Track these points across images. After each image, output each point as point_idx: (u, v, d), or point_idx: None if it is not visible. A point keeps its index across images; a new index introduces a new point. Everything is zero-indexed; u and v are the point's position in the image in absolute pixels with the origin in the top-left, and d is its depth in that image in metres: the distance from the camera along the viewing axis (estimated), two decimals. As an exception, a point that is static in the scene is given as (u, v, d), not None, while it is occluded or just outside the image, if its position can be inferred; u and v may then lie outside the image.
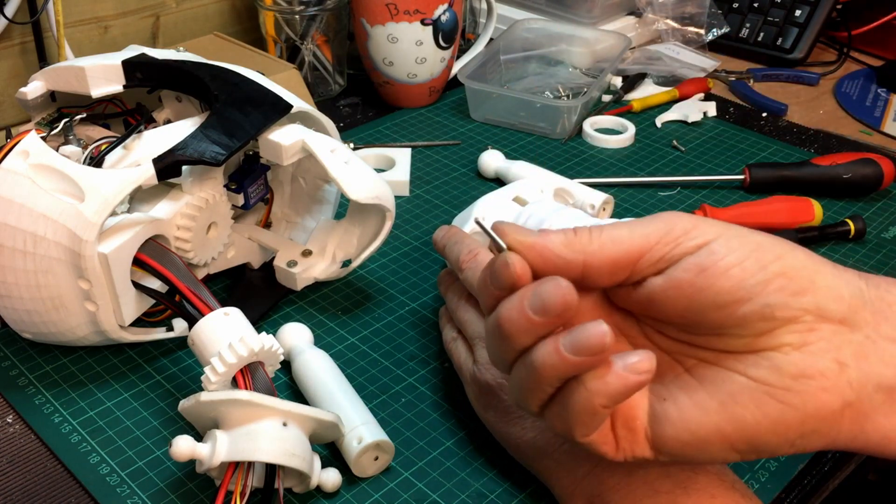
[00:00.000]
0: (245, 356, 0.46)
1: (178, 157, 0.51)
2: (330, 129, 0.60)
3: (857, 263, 0.68)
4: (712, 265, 0.35)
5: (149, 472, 0.49)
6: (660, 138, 0.86)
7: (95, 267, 0.49)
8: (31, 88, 0.59)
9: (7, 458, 0.50)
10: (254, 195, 0.60)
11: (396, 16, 0.83)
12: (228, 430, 0.44)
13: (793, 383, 0.35)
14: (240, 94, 0.57)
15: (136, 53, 0.60)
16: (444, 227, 0.58)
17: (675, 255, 0.36)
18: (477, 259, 0.53)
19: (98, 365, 0.57)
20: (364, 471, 0.49)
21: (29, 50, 0.81)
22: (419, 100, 0.91)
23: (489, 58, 0.92)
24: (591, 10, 1.00)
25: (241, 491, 0.44)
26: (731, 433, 0.36)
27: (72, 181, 0.49)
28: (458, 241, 0.55)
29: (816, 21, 1.02)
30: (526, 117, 0.87)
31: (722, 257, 0.35)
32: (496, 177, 0.78)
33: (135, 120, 0.62)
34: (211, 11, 0.95)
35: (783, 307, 0.35)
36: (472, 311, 0.53)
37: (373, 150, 0.80)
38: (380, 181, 0.57)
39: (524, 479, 0.49)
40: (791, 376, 0.35)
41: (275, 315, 0.62)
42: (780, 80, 1.01)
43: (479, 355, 0.50)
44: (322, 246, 0.62)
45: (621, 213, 0.74)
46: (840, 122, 0.91)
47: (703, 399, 0.36)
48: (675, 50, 1.01)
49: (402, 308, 0.63)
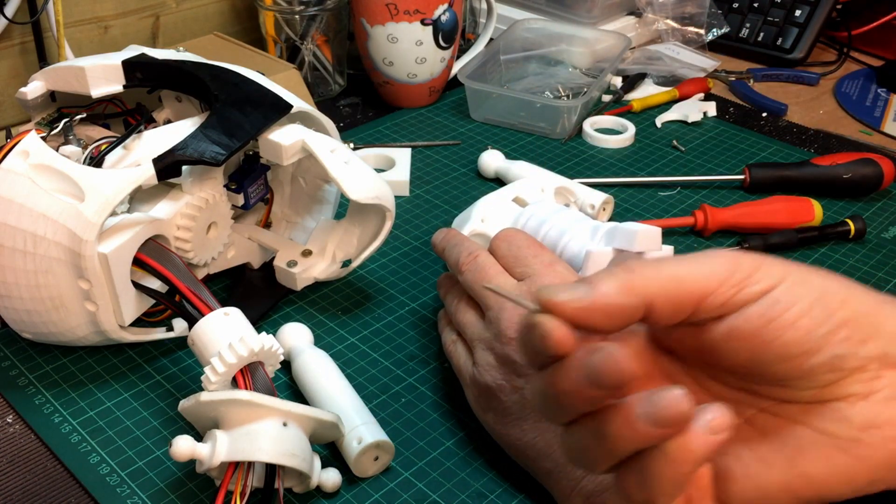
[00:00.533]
0: (245, 356, 0.46)
1: (178, 157, 0.51)
2: (330, 129, 0.60)
3: (857, 263, 0.68)
4: (778, 316, 0.34)
5: (149, 472, 0.49)
6: (660, 138, 0.86)
7: (95, 267, 0.49)
8: (31, 88, 0.59)
9: (7, 458, 0.50)
10: (254, 195, 0.60)
11: (396, 16, 0.83)
12: (228, 430, 0.44)
13: (861, 434, 0.34)
14: (240, 94, 0.57)
15: (136, 53, 0.60)
16: (443, 230, 0.58)
17: (738, 301, 0.34)
18: (477, 261, 0.53)
19: (98, 365, 0.57)
20: (364, 471, 0.49)
21: (29, 50, 0.81)
22: (419, 100, 0.91)
23: (489, 58, 0.92)
24: (591, 10, 1.00)
25: (241, 491, 0.44)
26: (800, 488, 0.34)
27: (72, 181, 0.49)
28: (457, 243, 0.55)
29: (816, 21, 1.02)
30: (526, 117, 0.87)
31: (788, 307, 0.34)
32: (496, 177, 0.78)
33: (135, 120, 0.62)
34: (211, 11, 0.95)
35: (851, 357, 0.34)
36: (471, 313, 0.53)
37: (373, 150, 0.80)
38: (380, 181, 0.57)
39: (524, 479, 0.49)
40: (859, 427, 0.34)
41: (275, 315, 0.62)
42: (780, 80, 1.01)
43: (478, 357, 0.50)
44: (322, 246, 0.62)
45: (621, 213, 0.74)
46: (840, 122, 0.91)
47: (768, 454, 0.35)
48: (675, 50, 1.01)
49: (402, 308, 0.63)
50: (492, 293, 0.50)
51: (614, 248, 0.52)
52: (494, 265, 0.52)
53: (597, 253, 0.51)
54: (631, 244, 0.51)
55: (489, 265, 0.52)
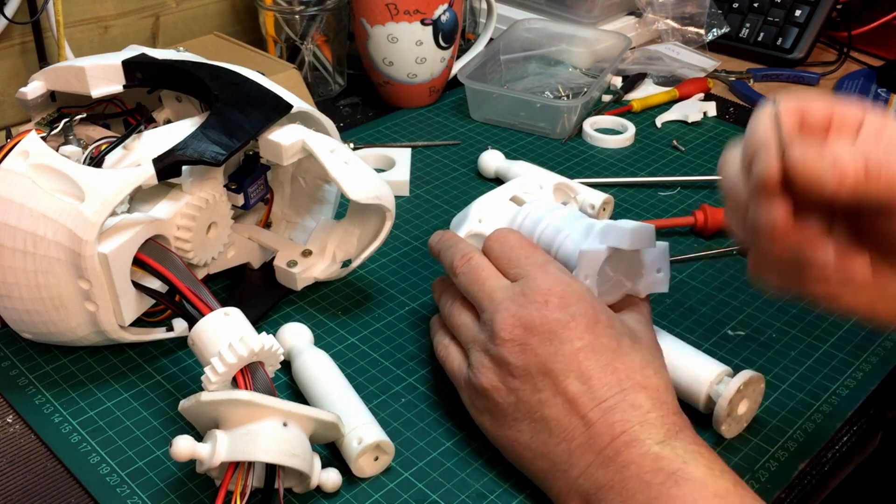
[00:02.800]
0: (245, 356, 0.46)
1: (178, 157, 0.51)
2: (330, 129, 0.60)
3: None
4: None
5: (149, 472, 0.49)
6: (660, 138, 0.86)
7: (95, 267, 0.49)
8: (31, 88, 0.59)
9: (7, 458, 0.50)
10: (254, 195, 0.60)
11: (396, 16, 0.83)
12: (228, 430, 0.44)
13: None
14: (240, 94, 0.57)
15: (136, 53, 0.60)
16: (439, 233, 0.58)
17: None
18: (470, 263, 0.53)
19: (98, 365, 0.57)
20: (364, 471, 0.49)
21: (29, 50, 0.81)
22: (419, 100, 0.91)
23: (489, 58, 0.92)
24: (591, 10, 1.00)
25: (241, 491, 0.44)
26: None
27: (72, 181, 0.49)
28: (452, 245, 0.55)
29: (816, 21, 1.02)
30: (526, 117, 0.87)
31: None
32: (496, 177, 0.78)
33: (135, 120, 0.62)
34: (211, 11, 0.95)
35: None
36: (466, 315, 0.52)
37: (373, 150, 0.80)
38: (380, 181, 0.57)
39: (524, 479, 0.49)
40: None
41: (275, 315, 0.62)
42: (780, 80, 1.01)
43: (473, 359, 0.50)
44: (322, 246, 0.62)
45: (621, 213, 0.74)
46: (840, 122, 0.91)
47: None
48: (675, 50, 1.01)
49: (402, 308, 0.63)
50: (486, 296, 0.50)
51: (608, 246, 0.52)
52: (489, 267, 0.52)
53: (590, 252, 0.52)
54: (623, 242, 0.51)
55: (483, 267, 0.52)
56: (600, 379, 0.46)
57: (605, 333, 0.47)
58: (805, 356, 0.59)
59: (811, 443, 0.53)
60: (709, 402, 0.52)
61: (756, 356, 0.59)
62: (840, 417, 0.54)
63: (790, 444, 0.52)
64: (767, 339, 0.60)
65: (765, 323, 0.62)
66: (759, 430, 0.53)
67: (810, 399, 0.56)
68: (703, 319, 0.62)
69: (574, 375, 0.46)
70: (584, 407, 0.45)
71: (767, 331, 0.61)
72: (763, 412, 0.54)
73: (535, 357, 0.47)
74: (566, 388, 0.46)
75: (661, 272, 0.54)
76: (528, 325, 0.48)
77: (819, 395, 0.56)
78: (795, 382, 0.57)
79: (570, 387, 0.46)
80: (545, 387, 0.46)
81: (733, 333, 0.61)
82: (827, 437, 0.53)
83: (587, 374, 0.46)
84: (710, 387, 0.51)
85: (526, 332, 0.47)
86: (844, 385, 0.57)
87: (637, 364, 0.47)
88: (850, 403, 0.55)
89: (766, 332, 0.61)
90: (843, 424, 0.54)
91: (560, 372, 0.46)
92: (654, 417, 0.45)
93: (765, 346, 0.60)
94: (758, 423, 0.54)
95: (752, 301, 0.64)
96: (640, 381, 0.46)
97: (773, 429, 0.53)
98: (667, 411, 0.45)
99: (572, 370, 0.46)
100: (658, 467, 0.42)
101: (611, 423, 0.44)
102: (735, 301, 0.64)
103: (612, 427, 0.44)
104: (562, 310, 0.48)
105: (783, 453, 0.52)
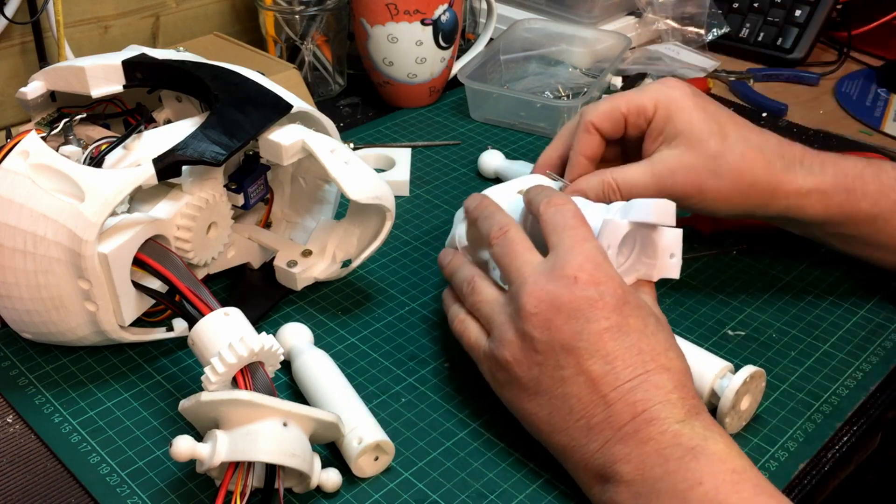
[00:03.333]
0: (245, 356, 0.46)
1: (178, 157, 0.51)
2: (330, 129, 0.60)
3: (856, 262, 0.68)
4: None
5: (149, 472, 0.49)
6: (660, 138, 0.86)
7: (95, 267, 0.49)
8: (31, 88, 0.59)
9: (7, 458, 0.50)
10: (254, 195, 0.60)
11: (396, 16, 0.83)
12: (228, 430, 0.44)
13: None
14: (240, 94, 0.57)
15: (136, 53, 0.60)
16: (477, 196, 0.57)
17: None
18: (507, 236, 0.52)
19: (98, 365, 0.57)
20: (364, 471, 0.49)
21: (29, 50, 0.81)
22: (419, 100, 0.91)
23: (489, 58, 0.92)
24: (591, 10, 1.00)
25: (241, 491, 0.44)
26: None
27: (72, 181, 0.49)
28: (490, 214, 0.54)
29: (816, 21, 1.02)
30: (526, 117, 0.87)
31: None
32: (496, 177, 0.78)
33: (135, 120, 0.62)
34: (211, 11, 0.95)
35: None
36: (489, 290, 0.52)
37: (373, 150, 0.80)
38: (380, 181, 0.57)
39: (524, 479, 0.49)
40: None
41: (275, 315, 0.62)
42: (780, 80, 1.01)
43: (497, 332, 0.49)
44: (322, 246, 0.62)
45: (621, 213, 0.74)
46: (840, 122, 0.91)
47: None
48: (675, 50, 1.01)
49: (402, 308, 0.63)
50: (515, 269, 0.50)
51: (630, 220, 0.51)
52: (523, 241, 0.51)
53: (614, 222, 0.51)
54: (649, 216, 0.51)
55: (518, 241, 0.51)
56: (624, 360, 0.46)
57: (633, 314, 0.47)
58: (805, 356, 0.59)
59: (811, 443, 0.53)
60: (712, 396, 0.52)
61: (756, 356, 0.59)
62: (840, 417, 0.54)
63: (790, 444, 0.52)
64: (767, 339, 0.60)
65: (765, 323, 0.62)
66: (759, 430, 0.53)
67: (810, 399, 0.56)
68: (703, 319, 0.62)
69: (599, 355, 0.46)
70: (606, 387, 0.45)
71: (767, 331, 0.61)
72: (763, 412, 0.54)
73: (559, 333, 0.47)
74: (589, 367, 0.46)
75: (673, 257, 0.53)
76: (554, 300, 0.47)
77: (819, 395, 0.56)
78: (795, 382, 0.57)
79: (593, 367, 0.46)
80: (568, 364, 0.46)
81: (733, 333, 0.61)
82: (827, 437, 0.53)
83: (611, 354, 0.46)
84: (713, 381, 0.52)
85: (552, 308, 0.47)
86: (844, 385, 0.57)
87: (662, 346, 0.47)
88: (850, 403, 0.55)
89: (766, 332, 0.61)
90: (843, 424, 0.54)
91: (584, 350, 0.46)
92: (676, 398, 0.45)
93: (765, 346, 0.60)
94: (758, 423, 0.54)
95: (752, 301, 0.64)
96: (664, 363, 0.46)
97: (773, 429, 0.53)
98: (687, 393, 0.46)
99: (597, 350, 0.46)
100: (677, 443, 0.43)
101: (632, 402, 0.45)
102: (735, 301, 0.64)
103: (634, 406, 0.45)
104: (591, 287, 0.47)
105: (783, 453, 0.52)
